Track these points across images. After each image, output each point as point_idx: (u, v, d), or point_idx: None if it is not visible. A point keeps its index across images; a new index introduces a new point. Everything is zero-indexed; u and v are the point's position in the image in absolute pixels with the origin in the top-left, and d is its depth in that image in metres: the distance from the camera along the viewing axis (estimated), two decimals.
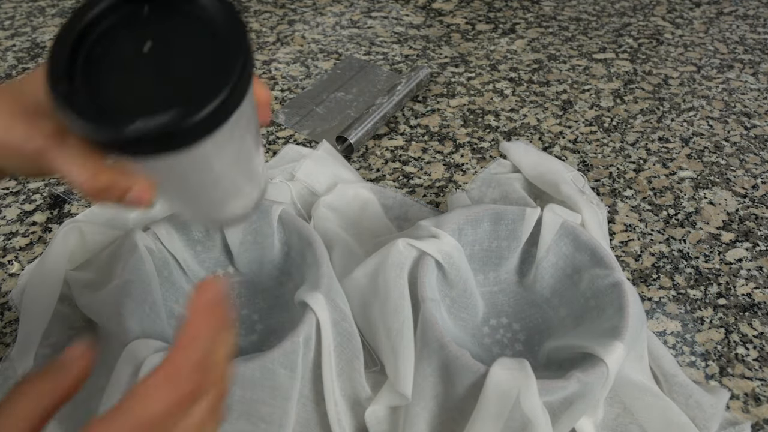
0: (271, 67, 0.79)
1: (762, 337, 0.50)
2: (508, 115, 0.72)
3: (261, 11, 0.90)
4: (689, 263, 0.56)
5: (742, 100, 0.76)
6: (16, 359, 0.46)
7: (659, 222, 0.59)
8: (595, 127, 0.71)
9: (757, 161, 0.67)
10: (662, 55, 0.83)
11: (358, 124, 0.65)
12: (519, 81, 0.77)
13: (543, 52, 0.83)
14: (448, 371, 0.40)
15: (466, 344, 0.47)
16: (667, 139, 0.69)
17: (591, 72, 0.80)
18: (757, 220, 0.60)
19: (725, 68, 0.81)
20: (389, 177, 0.63)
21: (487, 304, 0.50)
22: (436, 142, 0.67)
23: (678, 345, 0.49)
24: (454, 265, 0.46)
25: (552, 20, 0.90)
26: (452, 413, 0.41)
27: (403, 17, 0.90)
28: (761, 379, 0.47)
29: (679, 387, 0.45)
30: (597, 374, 0.39)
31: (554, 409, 0.39)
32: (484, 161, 0.65)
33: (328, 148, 0.62)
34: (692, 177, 0.65)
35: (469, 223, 0.48)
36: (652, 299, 0.53)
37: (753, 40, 0.87)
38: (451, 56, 0.81)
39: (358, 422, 0.43)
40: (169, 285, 0.50)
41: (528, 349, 0.47)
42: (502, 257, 0.51)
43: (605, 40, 0.86)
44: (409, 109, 0.72)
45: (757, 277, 0.55)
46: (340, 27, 0.87)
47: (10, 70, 0.77)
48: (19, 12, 0.89)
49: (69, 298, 0.50)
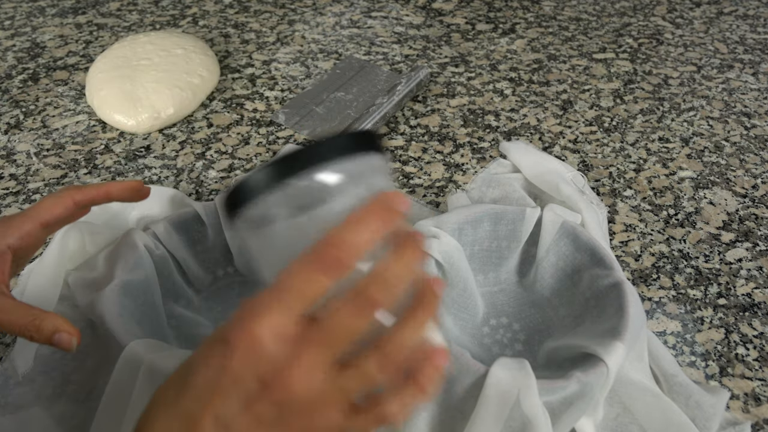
0: (271, 67, 0.79)
1: (762, 337, 0.50)
2: (508, 115, 0.72)
3: (261, 11, 0.90)
4: (689, 263, 0.56)
5: (742, 100, 0.76)
6: (16, 359, 0.46)
7: (659, 222, 0.59)
8: (595, 127, 0.71)
9: (757, 161, 0.67)
10: (662, 55, 0.83)
11: (358, 124, 0.65)
12: (519, 81, 0.77)
13: (543, 52, 0.83)
14: (448, 371, 0.40)
15: (466, 344, 0.47)
16: (667, 139, 0.69)
17: (591, 72, 0.80)
18: (757, 220, 0.60)
19: (725, 68, 0.81)
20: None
21: (487, 304, 0.50)
22: (436, 142, 0.68)
23: (678, 345, 0.49)
24: (454, 265, 0.46)
25: (552, 20, 0.90)
26: (452, 413, 0.41)
27: (403, 17, 0.90)
28: (761, 379, 0.47)
29: (679, 387, 0.45)
30: (597, 374, 0.39)
31: (554, 409, 0.39)
32: (484, 161, 0.65)
33: None
34: (692, 177, 0.65)
35: (469, 223, 0.48)
36: (652, 299, 0.53)
37: (753, 40, 0.87)
38: (451, 56, 0.81)
39: None
40: (169, 285, 0.50)
41: (528, 349, 0.47)
42: (502, 257, 0.51)
43: (605, 40, 0.86)
44: (409, 109, 0.72)
45: (757, 277, 0.55)
46: (340, 27, 0.87)
47: (10, 70, 0.77)
48: (19, 12, 0.89)
49: (69, 298, 0.50)
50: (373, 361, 0.26)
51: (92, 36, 0.84)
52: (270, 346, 0.25)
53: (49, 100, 0.72)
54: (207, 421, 0.25)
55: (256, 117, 0.71)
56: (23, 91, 0.74)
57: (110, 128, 0.68)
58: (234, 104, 0.72)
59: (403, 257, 0.27)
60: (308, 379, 0.25)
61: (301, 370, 0.25)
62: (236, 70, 0.78)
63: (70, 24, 0.87)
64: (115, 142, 0.67)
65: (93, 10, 0.90)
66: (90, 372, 0.46)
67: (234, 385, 0.25)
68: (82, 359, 0.46)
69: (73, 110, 0.71)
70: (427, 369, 0.27)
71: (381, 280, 0.26)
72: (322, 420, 0.26)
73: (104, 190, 0.42)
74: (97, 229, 0.53)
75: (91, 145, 0.66)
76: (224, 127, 0.69)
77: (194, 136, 0.68)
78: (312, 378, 0.25)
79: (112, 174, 0.63)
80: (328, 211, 0.27)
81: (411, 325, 0.27)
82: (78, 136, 0.67)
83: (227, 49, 0.82)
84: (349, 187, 0.28)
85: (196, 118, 0.70)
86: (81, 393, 0.45)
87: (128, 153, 0.65)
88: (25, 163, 0.64)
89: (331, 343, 0.26)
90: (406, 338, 0.27)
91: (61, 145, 0.66)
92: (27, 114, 0.70)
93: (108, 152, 0.65)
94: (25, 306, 0.38)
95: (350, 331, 0.26)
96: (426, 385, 0.27)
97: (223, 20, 0.88)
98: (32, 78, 0.76)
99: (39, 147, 0.66)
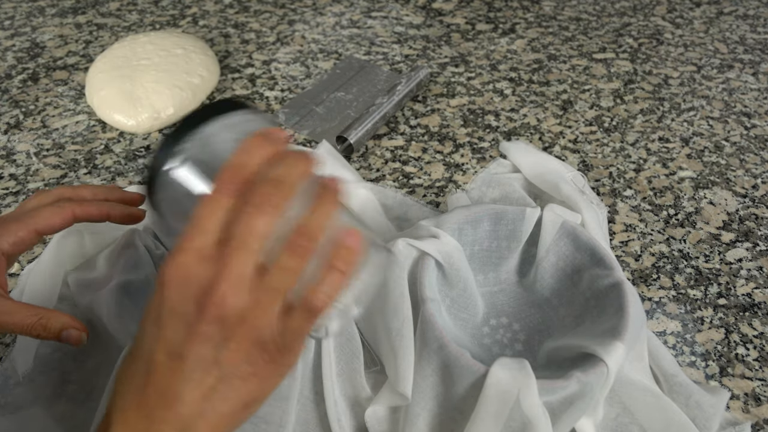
0: (271, 67, 0.79)
1: (762, 337, 0.50)
2: (508, 115, 0.72)
3: (261, 11, 0.90)
4: (689, 263, 0.56)
5: (742, 100, 0.76)
6: (16, 359, 0.46)
7: (659, 222, 0.59)
8: (595, 127, 0.71)
9: (757, 161, 0.67)
10: (662, 55, 0.83)
11: (358, 124, 0.65)
12: (519, 81, 0.77)
13: (543, 52, 0.83)
14: (448, 371, 0.40)
15: (466, 344, 0.47)
16: (667, 139, 0.69)
17: (591, 72, 0.80)
18: (757, 220, 0.60)
19: (725, 68, 0.81)
20: (389, 177, 0.63)
21: (487, 304, 0.50)
22: (436, 142, 0.68)
23: (678, 345, 0.49)
24: (454, 265, 0.46)
25: (552, 20, 0.90)
26: (452, 413, 0.41)
27: (403, 17, 0.90)
28: (761, 379, 0.47)
29: (679, 387, 0.45)
30: (597, 374, 0.39)
31: (554, 409, 0.39)
32: (484, 161, 0.65)
33: (328, 148, 0.62)
34: (692, 177, 0.65)
35: (469, 223, 0.48)
36: (652, 299, 0.53)
37: (753, 40, 0.87)
38: (451, 56, 0.81)
39: (358, 422, 0.43)
40: None
41: (528, 349, 0.47)
42: (502, 257, 0.51)
43: (605, 40, 0.86)
44: (409, 109, 0.72)
45: (757, 277, 0.55)
46: (340, 27, 0.87)
47: (10, 70, 0.77)
48: (19, 12, 0.89)
49: (69, 298, 0.50)
50: (286, 252, 0.28)
51: (92, 36, 0.84)
52: (195, 268, 0.27)
53: (48, 100, 0.72)
54: (160, 357, 0.27)
55: None
56: (23, 91, 0.74)
57: (110, 128, 0.68)
58: None
59: (286, 160, 0.29)
60: (236, 287, 0.27)
61: (226, 281, 0.27)
62: (236, 70, 0.78)
63: (69, 24, 0.87)
64: (115, 142, 0.67)
65: (93, 10, 0.90)
66: (90, 372, 0.45)
67: (173, 314, 0.27)
68: (82, 359, 0.46)
69: (73, 110, 0.71)
70: (339, 252, 0.29)
71: (268, 179, 0.28)
72: (259, 323, 0.27)
73: (105, 213, 0.42)
74: (97, 229, 0.53)
75: (91, 145, 0.66)
76: None
77: None
78: (239, 285, 0.27)
79: (112, 174, 0.63)
80: (223, 158, 0.30)
81: (312, 212, 0.29)
82: (78, 136, 0.67)
83: (227, 49, 0.82)
84: (230, 134, 0.32)
85: None
86: (81, 393, 0.45)
87: (128, 153, 0.65)
88: (24, 163, 0.64)
89: (245, 248, 0.27)
90: (309, 223, 0.28)
91: (61, 145, 0.66)
92: (27, 114, 0.70)
93: (108, 152, 0.65)
94: (28, 306, 0.38)
95: (257, 231, 0.27)
96: (342, 267, 0.29)
97: (223, 20, 0.88)
98: (32, 78, 0.76)
99: (39, 147, 0.66)
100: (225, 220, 0.28)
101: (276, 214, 0.28)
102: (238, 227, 0.27)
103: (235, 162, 0.29)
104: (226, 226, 0.28)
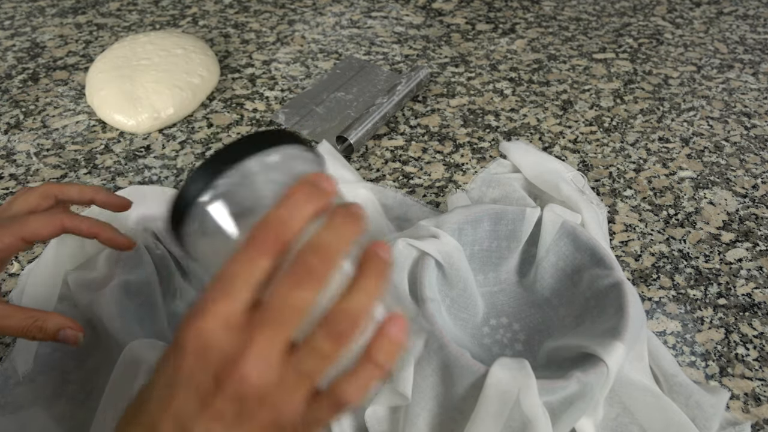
0: (271, 67, 0.79)
1: (762, 337, 0.50)
2: (508, 115, 0.72)
3: (261, 11, 0.90)
4: (689, 263, 0.56)
5: (742, 100, 0.76)
6: (16, 359, 0.46)
7: (659, 222, 0.59)
8: (595, 127, 0.71)
9: (757, 161, 0.67)
10: (662, 55, 0.83)
11: (358, 124, 0.65)
12: (519, 81, 0.77)
13: (543, 52, 0.83)
14: (448, 371, 0.40)
15: (466, 344, 0.47)
16: (667, 139, 0.69)
17: (591, 72, 0.80)
18: (757, 220, 0.60)
19: (725, 68, 0.81)
20: (389, 177, 0.63)
21: (487, 304, 0.50)
22: (436, 142, 0.68)
23: (678, 345, 0.49)
24: (454, 265, 0.46)
25: (552, 20, 0.90)
26: (452, 413, 0.41)
27: (403, 17, 0.90)
28: (761, 379, 0.47)
29: (679, 387, 0.45)
30: (597, 374, 0.39)
31: (554, 409, 0.39)
32: (484, 161, 0.65)
33: (328, 148, 0.62)
34: (692, 177, 0.65)
35: (469, 223, 0.48)
36: (652, 299, 0.53)
37: (753, 40, 0.87)
38: (451, 56, 0.81)
39: (358, 422, 0.43)
40: (169, 285, 0.50)
41: (528, 349, 0.47)
42: (502, 257, 0.51)
43: (605, 40, 0.86)
44: (409, 109, 0.72)
45: (757, 277, 0.55)
46: (340, 27, 0.87)
47: (10, 70, 0.77)
48: (19, 12, 0.89)
49: (69, 298, 0.50)
50: (321, 334, 0.25)
51: (92, 36, 0.84)
52: (219, 338, 0.24)
53: (49, 100, 0.72)
54: (166, 426, 0.24)
55: (256, 117, 0.71)
56: (23, 91, 0.74)
57: (110, 128, 0.68)
58: (234, 104, 0.72)
59: (334, 223, 0.26)
60: (262, 365, 0.24)
61: (253, 357, 0.24)
62: (236, 70, 0.78)
63: (69, 24, 0.87)
64: (115, 142, 0.67)
65: (93, 10, 0.90)
66: (90, 372, 0.46)
67: (188, 384, 0.24)
68: (82, 359, 0.46)
69: (73, 110, 0.71)
70: (381, 343, 0.26)
71: (313, 247, 0.25)
72: (283, 409, 0.24)
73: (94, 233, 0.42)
74: None
75: (91, 145, 0.66)
76: (224, 127, 0.69)
77: (194, 136, 0.68)
78: (266, 364, 0.24)
79: (112, 174, 0.63)
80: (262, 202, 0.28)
81: (356, 290, 0.25)
82: (78, 136, 0.67)
83: (227, 49, 0.82)
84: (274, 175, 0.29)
85: (196, 118, 0.70)
86: (81, 393, 0.45)
87: (128, 153, 0.65)
88: (25, 163, 0.64)
89: (279, 323, 0.24)
90: (351, 305, 0.25)
91: (61, 145, 0.66)
92: (27, 114, 0.70)
93: (108, 152, 0.65)
94: (23, 309, 0.38)
95: (295, 306, 0.24)
96: (382, 361, 0.25)
97: (223, 20, 0.88)
98: (32, 78, 0.76)
99: (39, 147, 0.66)
100: (257, 282, 0.25)
101: (318, 289, 0.24)
102: (274, 298, 0.24)
103: (277, 216, 0.25)
104: (258, 291, 0.25)
